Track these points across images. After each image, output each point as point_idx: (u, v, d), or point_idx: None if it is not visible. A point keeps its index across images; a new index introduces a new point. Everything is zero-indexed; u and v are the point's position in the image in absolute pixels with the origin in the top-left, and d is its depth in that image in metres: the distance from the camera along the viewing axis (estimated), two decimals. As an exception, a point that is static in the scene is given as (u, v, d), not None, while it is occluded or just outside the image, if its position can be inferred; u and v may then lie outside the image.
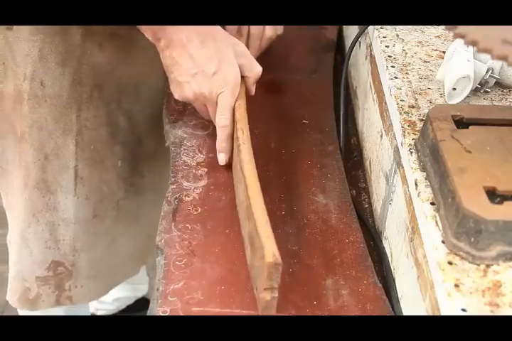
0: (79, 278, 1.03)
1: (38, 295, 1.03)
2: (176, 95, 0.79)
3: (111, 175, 0.98)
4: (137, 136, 0.99)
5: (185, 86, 0.77)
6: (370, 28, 0.86)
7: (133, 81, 0.93)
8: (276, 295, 0.59)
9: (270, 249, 0.57)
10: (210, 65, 0.75)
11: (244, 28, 0.90)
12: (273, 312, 0.60)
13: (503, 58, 0.48)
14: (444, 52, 0.76)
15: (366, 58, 0.88)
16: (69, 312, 1.18)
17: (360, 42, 0.93)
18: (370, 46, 0.86)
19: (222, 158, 0.77)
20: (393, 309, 0.64)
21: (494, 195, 0.53)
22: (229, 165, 0.78)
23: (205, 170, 0.78)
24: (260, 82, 0.82)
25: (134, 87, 0.94)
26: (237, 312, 0.61)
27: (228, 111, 0.76)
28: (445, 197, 0.55)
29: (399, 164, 0.67)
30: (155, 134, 1.00)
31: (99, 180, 0.97)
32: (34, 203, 0.96)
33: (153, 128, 0.99)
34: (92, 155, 0.95)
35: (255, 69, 0.79)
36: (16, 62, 0.86)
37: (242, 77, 0.78)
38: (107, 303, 1.44)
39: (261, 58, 0.88)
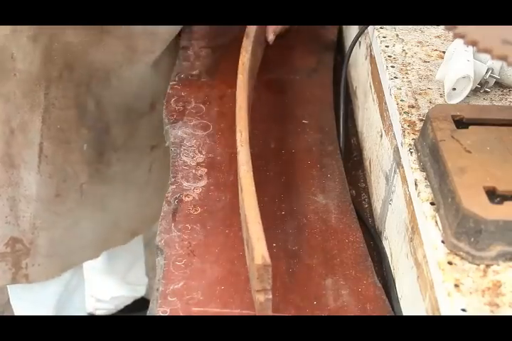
0: (36, 257, 1.03)
1: None
2: None
3: (76, 156, 0.98)
4: (105, 123, 0.99)
5: None
6: (370, 28, 0.86)
7: (104, 67, 0.93)
8: (270, 296, 0.58)
9: (260, 251, 0.57)
10: None
11: None
12: (269, 313, 0.60)
13: (503, 58, 0.47)
14: (444, 52, 0.76)
15: (366, 58, 0.88)
16: (26, 290, 1.18)
17: (360, 42, 0.93)
18: (370, 46, 0.86)
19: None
20: (393, 309, 0.64)
21: (494, 195, 0.53)
22: (228, 166, 0.78)
23: (205, 170, 0.78)
24: (260, 82, 0.82)
25: (105, 74, 0.94)
26: (236, 312, 0.61)
27: None
28: (445, 197, 0.55)
29: (399, 164, 0.67)
30: (124, 125, 1.00)
31: (64, 160, 0.98)
32: None
33: (123, 119, 1.00)
34: (58, 135, 0.95)
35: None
36: None
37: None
38: (105, 302, 1.44)
39: (261, 58, 0.89)
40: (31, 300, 1.20)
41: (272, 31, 0.90)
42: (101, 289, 1.42)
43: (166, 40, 0.94)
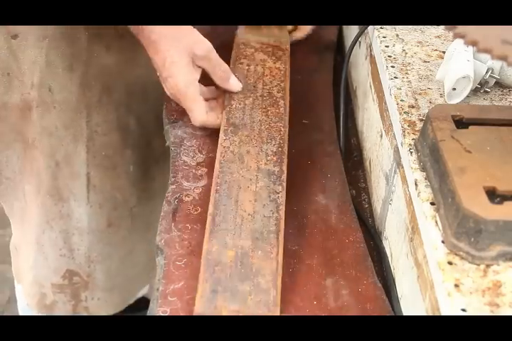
0: (95, 290, 1.02)
1: (54, 301, 1.02)
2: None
3: (123, 181, 0.97)
4: (146, 138, 0.98)
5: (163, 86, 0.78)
6: (370, 28, 0.86)
7: (141, 81, 0.93)
8: None
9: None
10: (163, 69, 0.75)
11: None
12: None
13: (503, 58, 0.47)
14: (444, 52, 0.76)
15: (366, 58, 0.88)
16: None
17: (360, 42, 0.93)
18: (370, 46, 0.86)
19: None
20: (393, 309, 0.64)
21: (494, 195, 0.53)
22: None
23: (205, 170, 0.77)
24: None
25: (142, 88, 0.93)
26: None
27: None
28: (445, 197, 0.55)
29: (399, 164, 0.67)
30: (162, 135, 0.99)
31: (112, 187, 0.96)
32: (47, 210, 0.95)
33: (160, 128, 0.98)
34: (104, 162, 0.94)
35: (217, 70, 0.77)
36: (21, 71, 0.85)
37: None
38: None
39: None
40: None
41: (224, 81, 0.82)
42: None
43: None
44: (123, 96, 0.92)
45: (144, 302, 1.44)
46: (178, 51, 0.74)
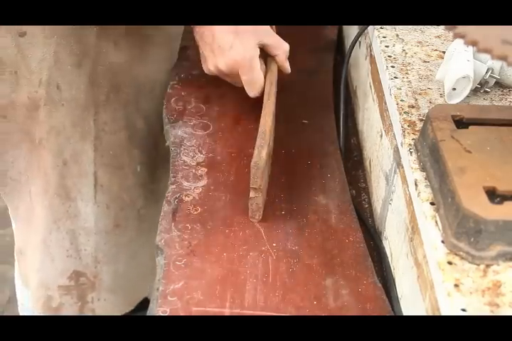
0: (102, 291, 1.01)
1: (60, 304, 1.01)
2: (204, 68, 0.83)
3: (130, 181, 0.97)
4: (153, 137, 0.98)
5: (207, 60, 0.80)
6: (370, 28, 0.86)
7: (149, 79, 0.93)
8: (258, 195, 0.69)
9: (258, 153, 0.68)
10: (225, 40, 0.77)
11: None
12: (257, 216, 0.71)
13: (503, 58, 0.47)
14: (444, 52, 0.76)
15: (366, 58, 0.88)
16: None
17: (360, 42, 0.93)
18: (370, 46, 0.86)
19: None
20: (393, 309, 0.64)
21: (494, 195, 0.53)
22: (228, 165, 0.78)
23: (205, 170, 0.77)
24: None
25: (151, 86, 0.94)
26: (237, 312, 0.61)
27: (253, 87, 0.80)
28: (445, 197, 0.55)
29: (399, 164, 0.67)
30: None
31: (119, 187, 0.96)
32: (55, 210, 0.95)
33: None
34: (112, 161, 0.94)
35: (282, 47, 0.82)
36: (29, 69, 0.85)
37: (271, 56, 0.82)
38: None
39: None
40: None
41: (285, 60, 0.85)
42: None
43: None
44: (131, 95, 0.92)
45: (144, 302, 1.45)
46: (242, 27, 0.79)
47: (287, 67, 0.84)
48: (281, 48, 0.82)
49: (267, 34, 0.81)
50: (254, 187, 0.69)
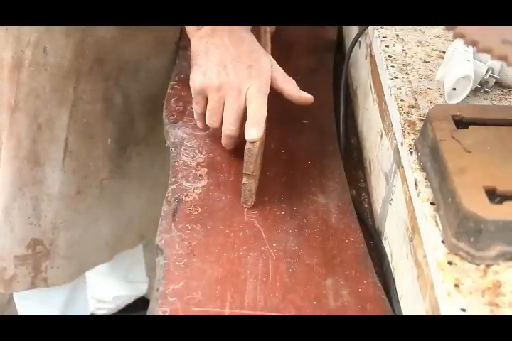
0: (56, 258, 1.02)
1: (14, 275, 1.02)
2: (196, 82, 0.77)
3: (99, 151, 0.98)
4: (131, 116, 1.00)
5: (212, 73, 0.76)
6: (370, 28, 0.86)
7: (133, 59, 0.94)
8: (251, 182, 0.71)
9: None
10: (248, 58, 0.76)
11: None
12: (249, 203, 0.73)
13: (503, 58, 0.48)
14: (444, 52, 0.76)
15: (366, 58, 0.88)
16: (42, 298, 1.18)
17: (360, 42, 0.93)
18: (370, 46, 0.86)
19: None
20: (393, 309, 0.64)
21: (494, 195, 0.53)
22: (228, 166, 0.78)
23: (205, 170, 0.77)
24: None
25: (134, 66, 0.95)
26: (237, 312, 0.61)
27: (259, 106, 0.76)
28: (445, 197, 0.55)
29: (399, 164, 0.67)
30: (148, 118, 1.01)
31: (87, 155, 0.98)
32: (23, 176, 0.95)
33: (148, 111, 1.00)
34: (84, 129, 0.95)
35: (288, 83, 0.80)
36: (20, 29, 0.86)
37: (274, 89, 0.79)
38: (107, 302, 1.44)
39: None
40: (37, 300, 1.20)
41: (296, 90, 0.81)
42: (103, 290, 1.43)
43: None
44: (113, 70, 0.93)
45: (143, 301, 1.45)
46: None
47: (306, 95, 0.80)
48: (287, 84, 0.80)
49: (276, 68, 0.79)
50: (247, 173, 0.71)
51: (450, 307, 0.49)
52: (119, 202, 1.07)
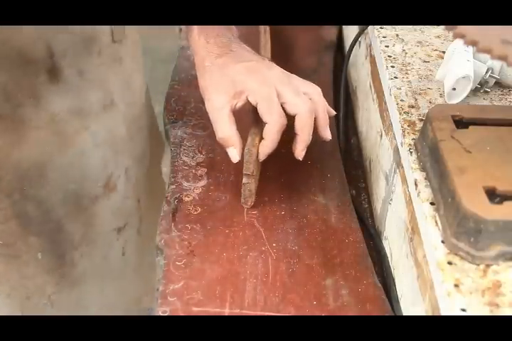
0: None
1: None
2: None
3: (32, 269, 0.88)
4: (55, 222, 0.87)
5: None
6: (370, 28, 0.86)
7: (33, 163, 0.81)
8: (251, 181, 0.71)
9: (252, 140, 0.71)
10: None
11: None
12: (249, 202, 0.73)
13: (503, 58, 0.48)
14: (444, 52, 0.76)
15: (366, 58, 0.88)
16: None
17: (360, 42, 0.93)
18: (370, 46, 0.86)
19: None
20: (393, 309, 0.64)
21: (494, 195, 0.53)
22: (228, 166, 0.78)
23: (205, 170, 0.78)
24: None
25: (38, 170, 0.82)
26: (237, 312, 0.61)
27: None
28: (445, 197, 0.55)
29: (399, 164, 0.67)
30: (78, 217, 0.88)
31: (20, 277, 0.88)
32: None
33: (74, 210, 0.87)
34: (5, 251, 0.85)
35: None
36: None
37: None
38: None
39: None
40: None
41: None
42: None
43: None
44: (14, 183, 0.81)
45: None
46: None
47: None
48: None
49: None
50: (247, 173, 0.70)
51: (450, 307, 0.49)
52: (77, 309, 0.96)
